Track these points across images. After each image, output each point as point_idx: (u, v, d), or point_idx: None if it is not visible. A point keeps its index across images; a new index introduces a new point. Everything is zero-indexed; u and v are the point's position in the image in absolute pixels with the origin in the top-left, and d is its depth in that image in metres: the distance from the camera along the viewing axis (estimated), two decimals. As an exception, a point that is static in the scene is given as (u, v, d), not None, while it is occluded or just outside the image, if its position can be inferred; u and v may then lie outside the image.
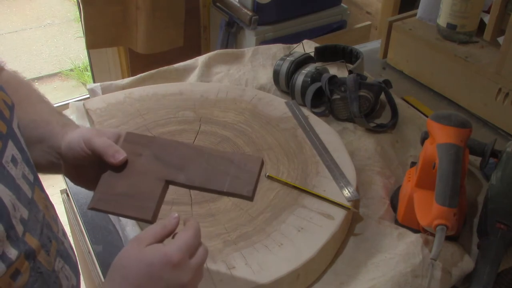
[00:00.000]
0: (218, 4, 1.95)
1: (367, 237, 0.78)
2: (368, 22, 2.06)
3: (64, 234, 0.61)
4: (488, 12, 1.08)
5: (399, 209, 0.81)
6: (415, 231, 0.77)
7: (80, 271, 0.66)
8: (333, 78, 0.99)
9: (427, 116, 1.03)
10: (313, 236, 0.72)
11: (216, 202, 0.78)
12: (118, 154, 0.61)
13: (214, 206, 0.77)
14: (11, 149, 0.50)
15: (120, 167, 0.61)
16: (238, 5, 1.85)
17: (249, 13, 1.79)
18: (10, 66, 0.69)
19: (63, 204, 1.00)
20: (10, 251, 0.47)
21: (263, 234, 0.73)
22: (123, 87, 1.05)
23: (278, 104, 1.00)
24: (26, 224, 0.50)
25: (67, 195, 0.96)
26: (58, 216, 0.60)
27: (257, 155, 0.61)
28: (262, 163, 0.61)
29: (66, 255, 0.58)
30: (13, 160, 0.50)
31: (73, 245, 0.65)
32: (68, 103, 1.03)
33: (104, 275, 0.75)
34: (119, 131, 0.66)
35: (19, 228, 0.49)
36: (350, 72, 1.03)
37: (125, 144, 0.63)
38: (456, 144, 0.75)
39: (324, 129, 0.94)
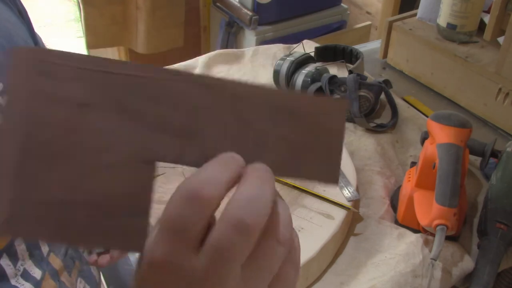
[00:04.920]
0: (218, 4, 1.95)
1: (367, 237, 0.78)
2: (368, 22, 2.06)
3: (91, 252, 0.60)
4: (488, 12, 1.07)
5: (399, 209, 0.81)
6: (415, 231, 0.77)
7: None
8: (333, 78, 0.99)
9: (427, 116, 1.03)
10: (313, 236, 0.72)
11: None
12: None
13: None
14: None
15: (44, 142, 0.28)
16: (238, 5, 1.85)
17: (249, 13, 1.79)
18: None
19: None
20: (34, 270, 0.47)
21: (263, 234, 0.73)
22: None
23: (278, 104, 1.00)
24: (51, 244, 0.50)
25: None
26: None
27: (338, 99, 0.34)
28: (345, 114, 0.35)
29: (88, 275, 0.57)
30: None
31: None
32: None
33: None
34: None
35: (45, 249, 0.49)
36: (350, 72, 1.03)
37: (33, 78, 0.28)
38: (456, 144, 0.75)
39: (324, 129, 0.94)
